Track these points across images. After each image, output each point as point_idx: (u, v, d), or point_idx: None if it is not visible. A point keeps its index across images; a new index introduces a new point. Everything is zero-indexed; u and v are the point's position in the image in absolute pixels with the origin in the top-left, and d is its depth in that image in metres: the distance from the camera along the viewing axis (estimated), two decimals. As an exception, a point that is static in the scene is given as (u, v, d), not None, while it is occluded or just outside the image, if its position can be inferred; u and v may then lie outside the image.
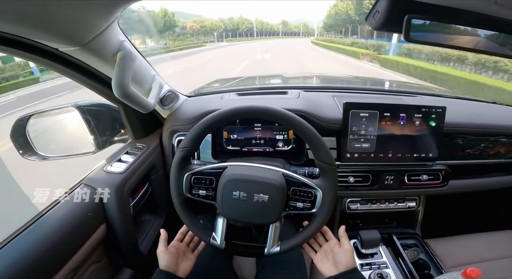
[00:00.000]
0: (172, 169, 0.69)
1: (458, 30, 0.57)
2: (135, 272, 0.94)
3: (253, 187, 0.64)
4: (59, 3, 0.48)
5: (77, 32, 0.58)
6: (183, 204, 0.70)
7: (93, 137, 0.94)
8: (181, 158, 0.68)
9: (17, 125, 0.84)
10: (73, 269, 0.70)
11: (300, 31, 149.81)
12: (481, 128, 1.10)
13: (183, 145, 0.68)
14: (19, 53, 0.58)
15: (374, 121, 0.98)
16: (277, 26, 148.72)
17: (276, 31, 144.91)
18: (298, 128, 0.66)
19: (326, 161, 0.66)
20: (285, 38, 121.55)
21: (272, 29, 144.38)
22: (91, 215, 0.77)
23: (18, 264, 0.58)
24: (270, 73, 4.71)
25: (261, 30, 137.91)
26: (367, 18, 0.60)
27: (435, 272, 1.01)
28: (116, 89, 0.71)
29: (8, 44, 0.55)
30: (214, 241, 0.70)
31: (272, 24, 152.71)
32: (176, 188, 0.69)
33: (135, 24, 37.16)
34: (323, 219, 0.67)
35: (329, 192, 0.66)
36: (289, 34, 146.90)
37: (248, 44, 53.26)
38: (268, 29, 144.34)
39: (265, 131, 1.04)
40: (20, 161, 0.89)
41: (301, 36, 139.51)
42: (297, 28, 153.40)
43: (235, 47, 38.37)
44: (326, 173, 0.67)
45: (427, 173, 1.04)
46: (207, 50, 35.54)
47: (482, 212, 1.45)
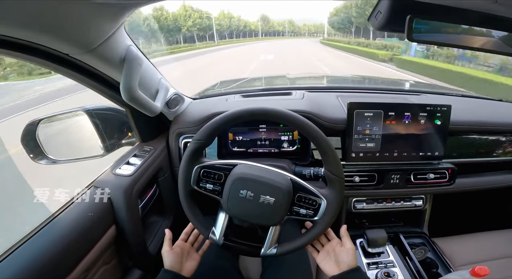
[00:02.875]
0: (183, 160, 0.69)
1: (460, 30, 0.58)
2: (144, 272, 0.95)
3: (261, 188, 0.65)
4: (68, 8, 0.50)
5: (86, 37, 0.60)
6: (189, 195, 0.71)
7: (101, 140, 0.96)
8: (194, 150, 0.68)
9: (28, 129, 0.86)
10: (84, 270, 0.71)
11: (306, 32, 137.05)
12: (487, 126, 1.10)
13: (198, 137, 0.68)
14: (31, 59, 0.60)
15: (379, 121, 0.98)
16: (283, 24, 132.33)
17: (280, 31, 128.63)
18: (312, 136, 0.66)
19: (335, 172, 0.66)
20: (291, 38, 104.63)
21: (276, 29, 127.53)
22: (100, 217, 0.79)
23: (33, 265, 0.60)
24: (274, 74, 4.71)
25: (259, 30, 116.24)
26: (369, 19, 0.61)
27: (443, 270, 1.01)
28: (124, 93, 0.72)
29: (21, 50, 0.56)
30: (213, 236, 0.71)
31: (276, 22, 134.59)
32: (184, 179, 0.69)
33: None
34: (323, 228, 0.68)
35: (334, 202, 0.66)
36: (295, 34, 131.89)
37: (249, 46, 41.14)
38: (272, 29, 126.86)
39: (270, 132, 1.05)
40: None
41: (308, 36, 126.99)
42: (303, 28, 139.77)
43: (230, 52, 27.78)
44: (334, 184, 0.67)
45: (434, 171, 1.03)
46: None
47: (489, 210, 1.43)
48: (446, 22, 0.57)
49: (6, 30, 0.50)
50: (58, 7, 0.48)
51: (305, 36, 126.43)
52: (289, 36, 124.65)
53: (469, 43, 0.59)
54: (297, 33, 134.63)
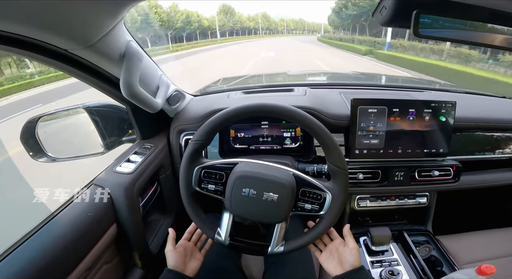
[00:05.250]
0: (183, 161, 0.68)
1: (468, 26, 0.56)
2: (146, 271, 0.94)
3: (263, 185, 0.64)
4: (67, 3, 0.48)
5: (85, 32, 0.59)
6: (191, 197, 0.70)
7: (101, 138, 0.95)
8: (193, 151, 0.67)
9: (27, 127, 0.85)
10: (86, 269, 0.70)
11: (306, 28, 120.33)
12: (492, 123, 1.08)
13: (196, 138, 0.67)
14: (29, 55, 0.58)
15: (382, 117, 0.97)
16: (255, 18, 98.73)
17: (251, 29, 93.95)
18: (313, 130, 0.65)
19: (338, 165, 0.65)
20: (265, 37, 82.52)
21: (246, 26, 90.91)
22: (101, 215, 0.78)
23: (34, 264, 0.59)
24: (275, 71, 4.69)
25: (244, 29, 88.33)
26: (374, 14, 0.59)
27: (447, 269, 1.00)
28: (124, 88, 0.71)
29: (19, 46, 0.55)
30: (219, 236, 0.70)
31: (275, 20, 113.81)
32: (185, 180, 0.68)
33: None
34: (330, 222, 0.67)
35: (339, 195, 0.65)
36: (271, 32, 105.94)
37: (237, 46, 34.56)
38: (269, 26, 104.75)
39: (272, 129, 1.04)
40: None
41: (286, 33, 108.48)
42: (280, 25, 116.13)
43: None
44: (338, 176, 0.66)
45: (438, 168, 1.02)
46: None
47: (494, 207, 1.42)
48: (453, 18, 0.56)
49: (3, 25, 0.49)
50: (56, 2, 0.47)
51: (283, 34, 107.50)
52: (263, 35, 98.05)
53: (478, 39, 0.57)
54: (273, 31, 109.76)
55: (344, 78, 2.18)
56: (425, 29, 0.55)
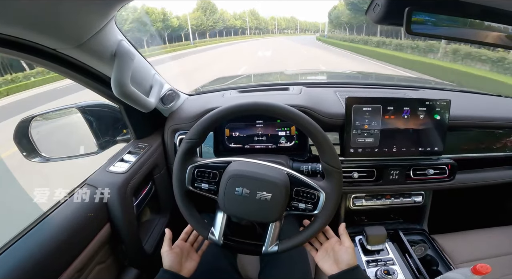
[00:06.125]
0: (176, 161, 0.68)
1: (461, 23, 0.56)
2: (140, 271, 0.94)
3: (257, 184, 0.63)
4: (55, 3, 0.48)
5: (74, 32, 0.58)
6: (184, 196, 0.69)
7: (95, 138, 0.95)
8: (186, 150, 0.67)
9: (20, 127, 0.84)
10: (78, 269, 0.70)
11: (275, 28, 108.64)
12: (487, 121, 1.08)
13: (189, 137, 0.67)
14: (17, 54, 0.58)
15: (377, 116, 0.97)
16: (242, 16, 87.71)
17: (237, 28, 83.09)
18: (306, 129, 0.65)
19: (332, 164, 0.65)
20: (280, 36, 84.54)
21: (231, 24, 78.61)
22: (94, 215, 0.77)
23: (24, 265, 0.58)
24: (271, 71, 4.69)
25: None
26: (367, 12, 0.59)
27: (443, 268, 1.00)
28: (116, 88, 0.71)
29: (6, 46, 0.55)
30: (213, 236, 0.70)
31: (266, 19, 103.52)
32: (178, 180, 0.68)
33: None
34: (324, 221, 0.66)
35: (333, 194, 0.65)
36: (261, 31, 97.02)
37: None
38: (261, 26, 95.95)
39: (267, 128, 1.04)
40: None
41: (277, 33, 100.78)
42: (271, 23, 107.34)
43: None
44: (331, 175, 0.66)
45: (433, 167, 1.02)
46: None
47: (490, 206, 1.42)
48: (446, 15, 0.56)
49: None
50: (45, 2, 0.46)
51: (275, 34, 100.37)
52: (252, 35, 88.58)
53: (470, 37, 0.57)
54: (263, 30, 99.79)
55: (340, 77, 2.18)
56: (417, 27, 0.54)
